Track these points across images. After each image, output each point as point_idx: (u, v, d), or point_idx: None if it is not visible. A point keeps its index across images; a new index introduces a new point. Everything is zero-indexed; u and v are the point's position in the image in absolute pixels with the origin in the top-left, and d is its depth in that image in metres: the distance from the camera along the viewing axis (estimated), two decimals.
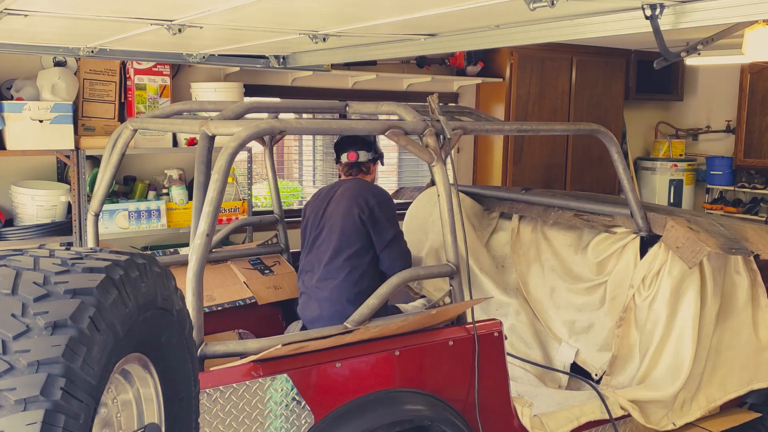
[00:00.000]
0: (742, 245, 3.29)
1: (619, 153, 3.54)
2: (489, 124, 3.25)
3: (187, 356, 1.60)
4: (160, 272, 1.44)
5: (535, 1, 2.40)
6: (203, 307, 2.46)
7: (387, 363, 2.59)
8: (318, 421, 2.44)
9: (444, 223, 2.77)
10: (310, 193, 6.50)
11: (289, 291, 3.85)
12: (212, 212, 2.33)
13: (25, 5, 2.68)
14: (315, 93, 5.64)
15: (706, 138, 7.34)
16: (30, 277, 1.20)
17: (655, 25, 2.55)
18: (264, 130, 2.50)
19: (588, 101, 6.52)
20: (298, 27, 3.39)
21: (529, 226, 4.04)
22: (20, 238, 4.32)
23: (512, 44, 3.60)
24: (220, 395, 2.27)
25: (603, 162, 6.49)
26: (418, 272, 3.02)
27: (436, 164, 2.77)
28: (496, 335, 2.82)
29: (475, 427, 2.73)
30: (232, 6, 2.64)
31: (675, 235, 3.25)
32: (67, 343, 1.12)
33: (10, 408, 1.04)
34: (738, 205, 6.84)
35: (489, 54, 6.14)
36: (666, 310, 3.29)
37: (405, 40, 3.72)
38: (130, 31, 3.36)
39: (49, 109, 4.28)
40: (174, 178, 4.86)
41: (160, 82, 4.76)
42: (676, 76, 7.12)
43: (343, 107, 3.56)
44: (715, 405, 3.43)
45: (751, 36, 3.70)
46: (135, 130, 3.19)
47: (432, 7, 2.72)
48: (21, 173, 4.62)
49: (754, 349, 3.52)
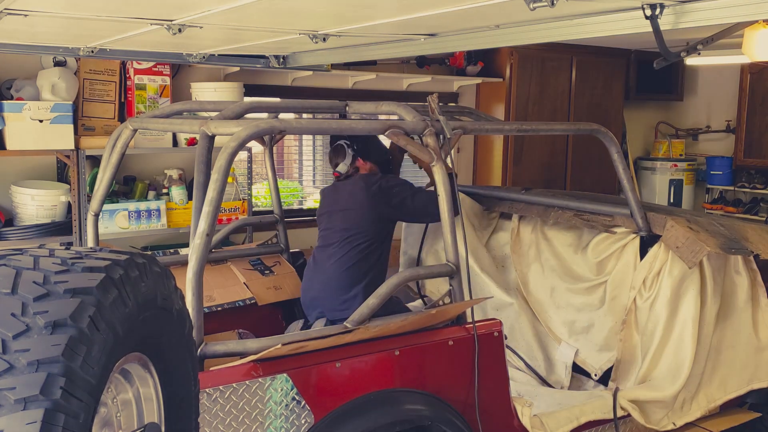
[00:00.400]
0: (742, 245, 3.29)
1: (619, 153, 3.54)
2: (489, 124, 3.26)
3: (187, 356, 1.60)
4: (159, 272, 1.44)
5: (535, 1, 2.40)
6: (203, 308, 2.46)
7: (387, 363, 2.59)
8: (318, 420, 2.44)
9: (444, 223, 2.77)
10: (310, 193, 6.50)
11: (290, 291, 3.85)
12: (212, 212, 2.33)
13: (25, 5, 2.68)
14: (315, 93, 5.63)
15: (706, 138, 7.33)
16: (30, 277, 1.20)
17: (655, 25, 2.54)
18: (264, 130, 2.50)
19: (588, 101, 6.52)
20: (298, 27, 3.39)
21: (529, 226, 4.04)
22: (20, 238, 4.32)
23: (512, 44, 3.61)
24: (220, 395, 2.26)
25: (603, 162, 6.47)
26: (418, 272, 3.03)
27: (436, 164, 2.78)
28: (496, 335, 2.82)
29: (474, 426, 2.73)
30: (232, 6, 2.64)
31: (675, 235, 3.25)
32: (66, 342, 1.12)
33: (10, 407, 1.04)
34: (738, 205, 6.84)
35: (489, 54, 6.14)
36: (666, 310, 3.29)
37: (405, 40, 3.72)
38: (130, 31, 3.36)
39: (49, 109, 4.28)
40: (174, 178, 4.86)
41: (160, 82, 4.76)
42: (676, 76, 7.12)
43: (343, 107, 3.57)
44: (715, 405, 3.43)
45: (751, 36, 3.70)
46: (135, 130, 3.19)
47: (432, 7, 2.72)
48: (21, 173, 4.62)
49: (754, 349, 3.51)
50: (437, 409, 2.64)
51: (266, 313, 3.84)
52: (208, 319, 2.90)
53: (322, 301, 3.45)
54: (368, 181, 3.51)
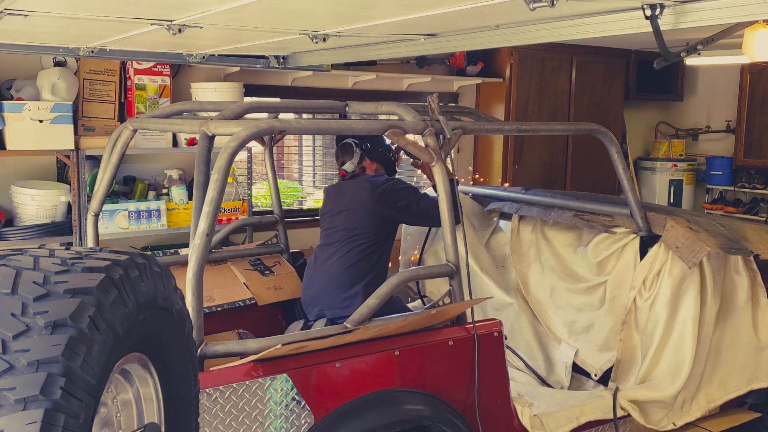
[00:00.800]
0: (742, 245, 3.29)
1: (619, 153, 3.54)
2: (489, 124, 3.26)
3: (187, 356, 1.60)
4: (159, 272, 1.44)
5: (535, 1, 2.39)
6: (203, 308, 2.46)
7: (387, 363, 2.59)
8: (318, 421, 2.44)
9: (444, 223, 2.77)
10: (310, 193, 6.50)
11: (290, 291, 3.85)
12: (212, 212, 2.33)
13: (25, 5, 2.68)
14: (315, 93, 5.63)
15: (706, 138, 7.33)
16: (30, 277, 1.19)
17: (655, 25, 2.54)
18: (264, 130, 2.50)
19: (588, 101, 6.52)
20: (298, 27, 3.39)
21: (529, 226, 4.04)
22: (20, 238, 4.32)
23: (512, 44, 3.60)
24: (220, 395, 2.26)
25: (603, 162, 6.47)
26: (418, 272, 3.02)
27: (436, 164, 2.78)
28: (496, 335, 2.82)
29: (474, 426, 2.73)
30: (232, 6, 2.64)
31: (675, 235, 3.25)
32: (66, 342, 1.12)
33: (9, 407, 1.04)
34: (738, 205, 6.84)
35: (489, 54, 6.14)
36: (666, 310, 3.28)
37: (405, 40, 3.72)
38: (130, 31, 3.36)
39: (49, 109, 4.28)
40: (174, 178, 4.86)
41: (160, 82, 4.76)
42: (676, 76, 7.11)
43: (343, 107, 3.56)
44: (715, 405, 3.43)
45: (751, 36, 3.70)
46: (135, 130, 3.18)
47: (432, 7, 2.72)
48: (21, 173, 4.62)
49: (754, 349, 3.51)
50: (437, 409, 2.64)
51: (266, 313, 3.84)
52: (208, 319, 2.90)
53: (322, 299, 3.45)
54: (374, 183, 3.51)
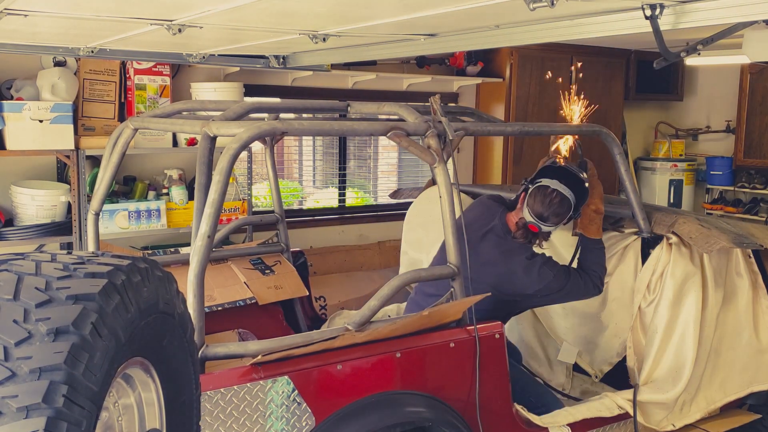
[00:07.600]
0: (752, 240, 3.29)
1: (621, 153, 3.53)
2: (491, 125, 3.25)
3: (189, 359, 1.60)
4: (162, 276, 1.43)
5: (535, 1, 2.39)
6: (204, 309, 2.46)
7: (388, 365, 2.58)
8: (319, 423, 2.44)
9: (445, 224, 2.77)
10: (311, 193, 6.48)
11: (290, 291, 3.84)
12: (214, 214, 2.33)
13: (25, 5, 2.67)
14: (315, 93, 5.62)
15: (706, 138, 7.33)
16: (32, 283, 1.19)
17: (655, 25, 2.54)
18: (266, 131, 2.49)
19: (588, 101, 6.50)
20: (298, 27, 3.38)
21: None
22: (20, 238, 4.31)
23: (512, 44, 3.60)
24: (221, 397, 2.26)
25: (603, 162, 6.48)
26: (419, 274, 3.01)
27: (438, 165, 2.77)
28: (497, 337, 2.81)
29: (475, 428, 2.73)
30: (232, 6, 2.63)
31: (689, 228, 3.24)
32: (69, 349, 1.11)
33: (12, 415, 1.04)
34: (738, 206, 6.83)
35: (489, 54, 6.13)
36: (668, 311, 3.28)
37: (405, 40, 3.71)
38: (130, 31, 3.35)
39: (49, 109, 4.27)
40: (174, 178, 4.86)
41: (160, 82, 4.75)
42: (676, 76, 7.11)
43: (344, 107, 3.55)
44: (715, 407, 3.43)
45: (751, 36, 3.69)
46: (135, 129, 3.17)
47: (432, 7, 2.72)
48: (21, 173, 4.61)
49: (754, 351, 3.51)
50: (438, 411, 2.63)
51: (267, 312, 3.84)
52: (208, 319, 2.89)
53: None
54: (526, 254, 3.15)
